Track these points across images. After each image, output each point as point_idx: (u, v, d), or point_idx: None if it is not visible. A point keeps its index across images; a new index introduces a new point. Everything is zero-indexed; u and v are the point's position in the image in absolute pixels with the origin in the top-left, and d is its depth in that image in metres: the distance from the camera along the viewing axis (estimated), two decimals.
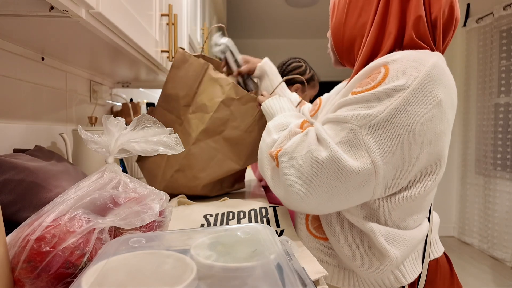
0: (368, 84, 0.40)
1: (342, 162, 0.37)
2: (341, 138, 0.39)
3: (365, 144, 0.38)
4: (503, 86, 2.10)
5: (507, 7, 2.03)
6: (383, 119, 0.37)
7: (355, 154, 0.38)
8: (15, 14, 0.42)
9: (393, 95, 0.38)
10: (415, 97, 0.38)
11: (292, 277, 0.22)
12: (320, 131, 0.41)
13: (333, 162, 0.38)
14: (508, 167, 2.06)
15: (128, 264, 0.26)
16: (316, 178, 0.39)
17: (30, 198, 0.38)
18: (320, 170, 0.38)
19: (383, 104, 0.38)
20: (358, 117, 0.38)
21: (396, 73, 0.39)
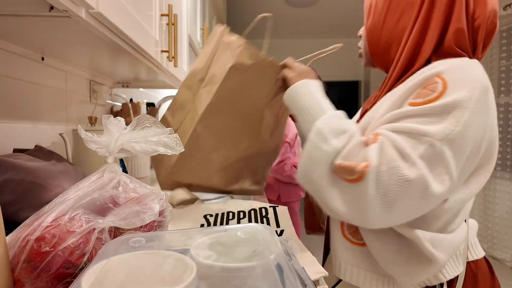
0: (428, 95, 0.39)
1: (428, 184, 0.36)
2: (421, 153, 0.37)
3: (444, 160, 0.37)
4: (503, 86, 2.10)
5: (507, 7, 2.03)
6: (459, 132, 0.37)
7: (435, 172, 0.37)
8: (15, 14, 0.42)
9: (461, 107, 0.37)
10: (478, 109, 0.38)
11: (292, 277, 0.22)
12: (400, 144, 0.37)
13: (421, 183, 0.36)
14: (508, 167, 2.06)
15: (128, 264, 0.26)
16: (401, 199, 0.37)
17: (30, 198, 0.38)
18: (407, 190, 0.36)
19: (455, 117, 0.37)
20: (436, 130, 0.37)
21: (455, 83, 0.38)
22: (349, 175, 0.38)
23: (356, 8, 2.90)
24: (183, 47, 1.04)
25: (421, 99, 0.39)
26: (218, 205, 0.61)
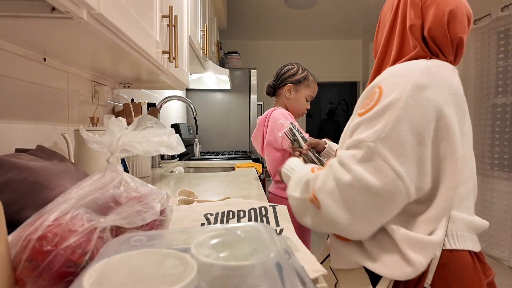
0: (368, 105, 0.47)
1: (366, 180, 0.42)
2: (360, 157, 0.44)
3: (381, 156, 0.43)
4: (500, 87, 2.11)
5: (504, 8, 2.04)
6: (389, 130, 0.43)
7: (374, 168, 0.43)
8: (17, 15, 0.42)
9: (390, 108, 0.44)
10: (408, 105, 0.44)
11: (292, 276, 0.23)
12: (341, 157, 0.46)
13: (359, 182, 0.43)
14: (505, 167, 2.07)
15: (129, 262, 0.26)
16: (352, 201, 0.43)
17: (32, 198, 0.38)
18: (352, 192, 0.43)
19: (385, 118, 0.44)
20: (369, 134, 0.44)
21: (388, 89, 0.46)
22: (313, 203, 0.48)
23: (355, 10, 2.91)
24: (184, 48, 1.05)
25: (363, 109, 0.47)
26: (218, 204, 0.61)
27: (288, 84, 1.12)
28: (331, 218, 0.45)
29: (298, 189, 0.53)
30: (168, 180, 1.03)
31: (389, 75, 0.48)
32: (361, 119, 0.47)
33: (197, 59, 1.47)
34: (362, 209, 0.43)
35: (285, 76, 1.13)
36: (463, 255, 0.49)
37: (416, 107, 0.44)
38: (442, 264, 0.47)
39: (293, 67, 1.15)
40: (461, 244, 0.49)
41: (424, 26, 0.51)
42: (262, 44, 3.77)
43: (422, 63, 0.47)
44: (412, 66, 0.47)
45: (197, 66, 1.61)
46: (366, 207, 0.43)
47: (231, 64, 2.66)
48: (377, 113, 0.45)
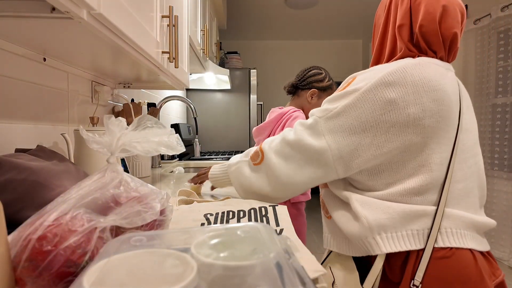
0: (338, 90, 0.54)
1: (304, 140, 0.52)
2: (307, 125, 0.54)
3: (321, 130, 0.52)
4: (500, 87, 2.11)
5: (504, 8, 2.04)
6: (336, 112, 0.51)
7: (315, 136, 0.52)
8: (17, 15, 0.42)
9: (347, 96, 0.51)
10: (364, 97, 0.49)
11: (292, 276, 0.23)
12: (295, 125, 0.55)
13: (299, 140, 0.53)
14: (505, 167, 2.07)
15: (129, 262, 0.26)
16: (290, 154, 0.53)
17: (32, 198, 0.38)
18: (292, 147, 0.53)
19: (339, 102, 0.51)
20: (320, 110, 0.53)
21: (358, 81, 0.51)
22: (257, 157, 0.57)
23: (355, 10, 2.91)
24: (184, 48, 1.05)
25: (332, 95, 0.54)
26: (218, 204, 0.62)
27: (313, 89, 1.12)
28: (275, 170, 0.54)
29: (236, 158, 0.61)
30: (168, 180, 1.03)
31: (368, 70, 0.53)
32: (326, 99, 0.55)
33: (197, 59, 1.47)
34: (298, 161, 0.53)
35: (312, 79, 1.13)
36: (463, 254, 0.47)
37: (372, 100, 0.49)
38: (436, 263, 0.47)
39: (321, 72, 1.14)
40: (458, 242, 0.48)
41: (414, 24, 0.53)
42: (262, 44, 3.77)
43: (402, 62, 0.50)
44: (389, 65, 0.51)
45: (197, 66, 1.61)
46: (300, 160, 0.53)
47: (231, 64, 2.66)
48: (337, 96, 0.52)
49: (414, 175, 0.48)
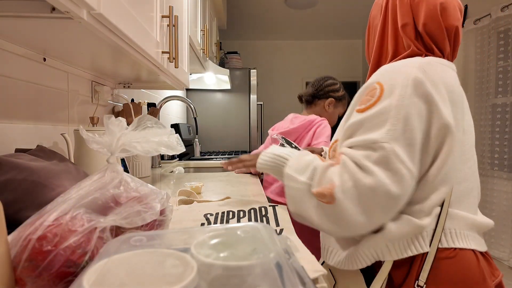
0: (368, 101, 0.47)
1: (388, 188, 0.42)
2: (376, 158, 0.43)
3: (397, 157, 0.43)
4: (500, 87, 2.11)
5: (504, 8, 2.04)
6: (401, 128, 0.44)
7: (393, 172, 0.43)
8: (17, 15, 0.42)
9: (396, 107, 0.44)
10: (413, 102, 0.45)
11: (292, 276, 0.23)
12: (355, 156, 0.44)
13: (382, 189, 0.42)
14: (505, 167, 2.07)
15: (129, 263, 0.26)
16: (370, 204, 0.43)
17: (32, 198, 0.38)
18: (372, 196, 0.43)
19: (393, 117, 0.44)
20: (382, 134, 0.44)
21: (389, 86, 0.46)
22: (324, 198, 0.45)
23: (355, 10, 2.91)
24: (184, 48, 1.05)
25: (364, 105, 0.47)
26: (218, 204, 0.61)
27: (331, 98, 1.17)
28: (345, 218, 0.43)
29: (304, 172, 0.48)
30: (168, 180, 1.03)
31: (386, 72, 0.48)
32: (363, 116, 0.46)
33: (197, 59, 1.47)
34: (379, 211, 0.43)
35: (329, 89, 1.18)
36: (466, 255, 0.48)
37: (420, 102, 0.45)
38: (440, 263, 0.47)
39: (336, 83, 1.21)
40: (462, 243, 0.48)
41: (417, 23, 0.52)
42: (262, 44, 3.77)
43: (417, 60, 0.49)
44: (409, 63, 0.48)
45: (197, 66, 1.61)
46: (382, 210, 0.43)
47: (231, 64, 2.65)
48: (382, 111, 0.45)
49: None
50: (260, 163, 0.57)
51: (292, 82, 3.79)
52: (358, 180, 0.43)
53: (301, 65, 3.79)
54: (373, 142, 0.44)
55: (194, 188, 0.79)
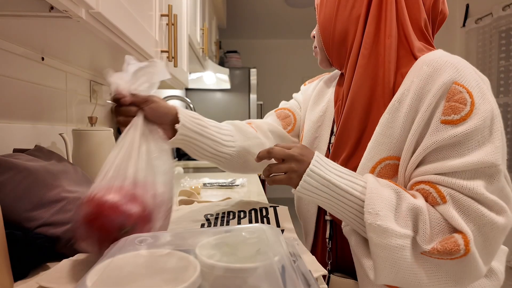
0: (461, 109, 0.36)
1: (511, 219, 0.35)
2: (497, 187, 0.35)
3: (506, 180, 0.36)
4: (502, 87, 2.11)
5: (506, 8, 2.04)
6: (502, 146, 0.36)
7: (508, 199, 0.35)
8: (15, 14, 0.41)
9: (495, 118, 0.37)
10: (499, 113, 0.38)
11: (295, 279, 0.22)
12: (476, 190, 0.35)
13: (509, 225, 0.35)
14: (507, 167, 2.07)
15: (133, 262, 0.26)
16: (496, 247, 0.36)
17: (30, 198, 0.38)
18: (501, 237, 0.35)
19: (496, 131, 0.36)
20: (494, 153, 0.35)
21: (478, 91, 0.37)
22: (451, 255, 0.34)
23: None
24: (183, 47, 1.04)
25: (456, 115, 0.36)
26: (218, 205, 0.61)
27: None
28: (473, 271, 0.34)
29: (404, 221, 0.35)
30: None
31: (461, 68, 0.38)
32: (465, 130, 0.35)
33: (197, 58, 1.47)
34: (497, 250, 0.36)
35: None
36: None
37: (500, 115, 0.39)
38: None
39: None
40: None
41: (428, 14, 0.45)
42: (262, 43, 3.76)
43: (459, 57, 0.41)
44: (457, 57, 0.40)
45: (197, 65, 1.61)
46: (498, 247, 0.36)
47: (230, 63, 2.65)
48: (486, 123, 0.36)
49: None
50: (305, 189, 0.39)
51: (292, 81, 3.79)
52: (490, 222, 0.34)
53: (301, 64, 3.79)
54: (489, 166, 0.35)
55: (194, 189, 0.79)
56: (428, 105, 0.38)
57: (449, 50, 0.44)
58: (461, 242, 0.34)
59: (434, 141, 0.37)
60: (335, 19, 0.47)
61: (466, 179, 0.35)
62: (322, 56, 0.52)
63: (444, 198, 0.35)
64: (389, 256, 0.35)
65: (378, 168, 0.41)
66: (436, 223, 0.35)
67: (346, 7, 0.46)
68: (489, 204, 0.35)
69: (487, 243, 0.35)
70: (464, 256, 0.34)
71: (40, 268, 0.37)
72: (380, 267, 0.36)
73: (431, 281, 0.35)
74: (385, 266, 0.35)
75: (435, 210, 0.36)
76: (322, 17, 0.49)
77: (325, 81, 0.57)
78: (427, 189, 0.36)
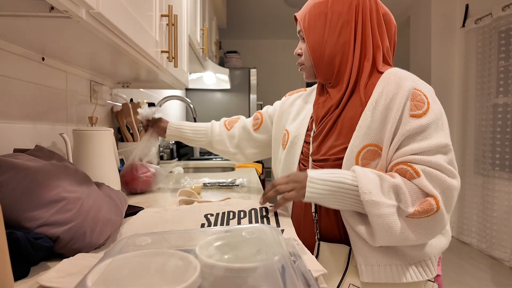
0: (421, 107, 0.51)
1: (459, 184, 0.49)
2: (450, 160, 0.50)
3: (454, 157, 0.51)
4: (501, 87, 2.11)
5: (505, 8, 2.04)
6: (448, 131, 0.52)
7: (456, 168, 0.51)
8: (16, 15, 0.42)
9: (442, 112, 0.52)
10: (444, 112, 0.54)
11: (295, 278, 0.22)
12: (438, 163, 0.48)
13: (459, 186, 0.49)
14: (506, 167, 2.07)
15: (133, 262, 0.26)
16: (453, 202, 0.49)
17: (30, 198, 0.38)
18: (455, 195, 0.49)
19: (444, 121, 0.52)
20: (446, 137, 0.50)
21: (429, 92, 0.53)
22: (426, 213, 0.47)
23: None
24: (183, 47, 1.04)
25: (419, 110, 0.50)
26: (219, 204, 0.61)
27: None
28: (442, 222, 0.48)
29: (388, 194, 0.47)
30: (167, 180, 1.03)
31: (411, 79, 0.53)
32: (425, 121, 0.50)
33: (197, 59, 1.47)
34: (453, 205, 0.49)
35: None
36: None
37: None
38: None
39: None
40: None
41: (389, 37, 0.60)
42: (262, 43, 3.76)
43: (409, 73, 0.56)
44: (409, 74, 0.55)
45: (197, 65, 1.61)
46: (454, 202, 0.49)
47: (230, 64, 2.65)
48: (438, 117, 0.50)
49: None
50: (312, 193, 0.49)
51: (292, 82, 3.79)
52: (449, 186, 0.47)
53: None
54: (444, 146, 0.49)
55: (194, 189, 0.79)
56: (399, 104, 0.51)
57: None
58: (433, 202, 0.47)
59: (406, 129, 0.50)
60: (324, 44, 0.58)
61: (431, 155, 0.48)
62: (310, 72, 0.64)
63: (418, 173, 0.48)
64: (383, 222, 0.47)
65: (362, 152, 0.53)
66: (414, 193, 0.48)
67: (334, 33, 0.58)
68: (447, 172, 0.48)
69: (449, 201, 0.48)
70: (436, 213, 0.47)
71: (40, 267, 0.37)
72: (378, 233, 0.48)
73: (416, 236, 0.48)
74: (381, 231, 0.47)
75: (411, 183, 0.48)
76: (311, 41, 0.60)
77: (303, 98, 0.72)
78: (405, 168, 0.49)
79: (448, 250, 2.27)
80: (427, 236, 0.48)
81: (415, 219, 0.47)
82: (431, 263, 0.53)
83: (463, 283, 1.78)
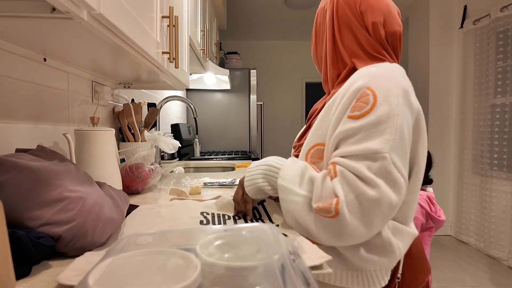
0: (362, 108, 0.46)
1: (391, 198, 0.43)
2: (377, 169, 0.43)
3: (396, 166, 0.43)
4: (499, 87, 2.12)
5: (504, 9, 2.05)
6: (398, 139, 0.44)
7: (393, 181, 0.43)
8: (17, 16, 0.42)
9: (393, 116, 0.45)
10: (404, 112, 0.46)
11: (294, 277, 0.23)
12: (356, 169, 0.43)
13: (386, 199, 0.42)
14: (504, 166, 2.07)
15: (134, 261, 0.26)
16: (376, 217, 0.43)
17: (32, 197, 0.38)
18: (376, 208, 0.42)
19: (391, 126, 0.44)
20: (381, 144, 0.43)
21: (382, 94, 0.46)
22: (328, 213, 0.43)
23: None
24: (184, 48, 1.05)
25: (358, 111, 0.46)
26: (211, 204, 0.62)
27: None
28: (347, 231, 0.43)
29: (301, 184, 0.46)
30: (168, 180, 1.03)
31: (376, 77, 0.47)
32: (359, 124, 0.45)
33: (197, 60, 1.47)
34: (379, 221, 0.43)
35: None
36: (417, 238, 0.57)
37: (408, 112, 0.46)
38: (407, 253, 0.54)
39: None
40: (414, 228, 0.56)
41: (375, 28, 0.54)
42: (262, 44, 3.77)
43: (396, 67, 0.50)
44: (391, 70, 0.49)
45: (197, 66, 1.61)
46: (383, 220, 0.43)
47: (231, 64, 2.65)
48: (380, 120, 0.44)
49: None
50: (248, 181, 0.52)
51: (292, 82, 3.79)
52: (363, 194, 0.42)
53: (301, 65, 3.79)
54: (374, 152, 0.43)
55: (195, 188, 0.79)
56: (345, 103, 0.48)
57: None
58: (334, 203, 0.43)
59: (340, 131, 0.47)
60: (316, 54, 0.63)
61: (354, 160, 0.44)
62: None
63: (336, 174, 0.45)
64: (288, 207, 0.47)
65: (312, 151, 0.52)
66: (326, 190, 0.45)
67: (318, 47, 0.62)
68: (366, 180, 0.43)
69: (365, 211, 0.42)
70: (336, 217, 0.43)
71: (41, 267, 0.37)
72: (285, 214, 0.49)
73: (317, 231, 0.45)
74: (286, 214, 0.48)
75: (329, 182, 0.46)
76: (312, 49, 0.65)
77: None
78: (331, 168, 0.47)
79: (446, 249, 2.27)
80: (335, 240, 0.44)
81: (322, 217, 0.44)
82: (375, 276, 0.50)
83: (461, 282, 1.78)
